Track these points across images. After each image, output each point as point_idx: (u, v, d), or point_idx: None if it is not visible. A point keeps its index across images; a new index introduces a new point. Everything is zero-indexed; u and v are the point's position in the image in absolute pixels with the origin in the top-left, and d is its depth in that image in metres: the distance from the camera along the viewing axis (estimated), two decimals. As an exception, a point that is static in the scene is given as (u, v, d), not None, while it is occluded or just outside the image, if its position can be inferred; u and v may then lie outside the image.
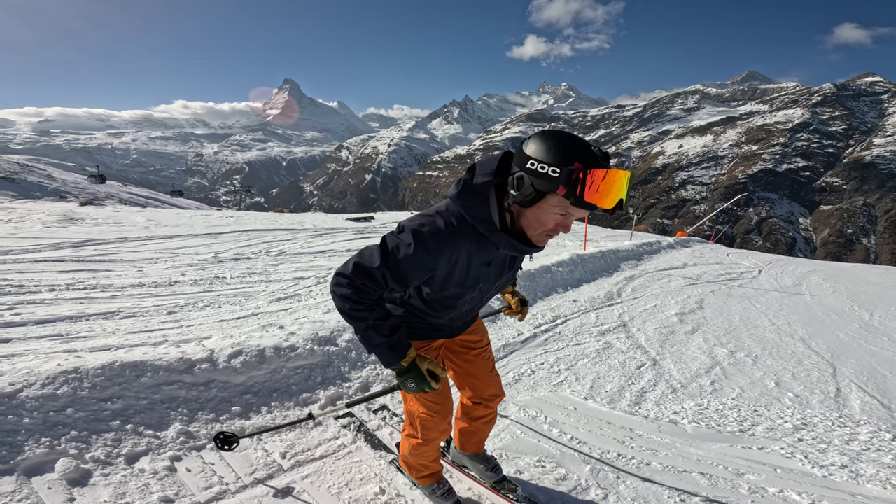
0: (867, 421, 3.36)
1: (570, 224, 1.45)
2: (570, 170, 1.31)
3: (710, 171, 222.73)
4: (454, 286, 1.63)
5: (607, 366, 4.02)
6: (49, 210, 12.05)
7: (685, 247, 13.18)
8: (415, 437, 1.99)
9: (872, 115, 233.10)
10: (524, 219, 1.48)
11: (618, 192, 1.30)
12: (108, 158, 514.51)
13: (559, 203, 1.38)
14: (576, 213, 1.40)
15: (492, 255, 1.60)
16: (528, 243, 1.52)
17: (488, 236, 1.50)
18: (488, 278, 1.68)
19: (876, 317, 6.89)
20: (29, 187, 48.05)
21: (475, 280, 1.64)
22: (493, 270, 1.67)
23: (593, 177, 1.29)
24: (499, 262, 1.67)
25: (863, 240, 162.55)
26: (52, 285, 4.72)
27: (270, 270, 6.38)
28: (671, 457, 2.71)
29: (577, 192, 1.31)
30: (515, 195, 1.42)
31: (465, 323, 1.97)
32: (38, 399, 2.36)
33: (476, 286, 1.67)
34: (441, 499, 2.13)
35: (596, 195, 1.30)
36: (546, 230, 1.47)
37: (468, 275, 1.60)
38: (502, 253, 1.61)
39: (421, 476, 2.15)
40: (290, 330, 3.59)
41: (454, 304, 1.75)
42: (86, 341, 3.43)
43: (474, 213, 1.48)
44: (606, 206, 1.30)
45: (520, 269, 1.89)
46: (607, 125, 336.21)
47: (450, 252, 1.50)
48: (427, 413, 1.91)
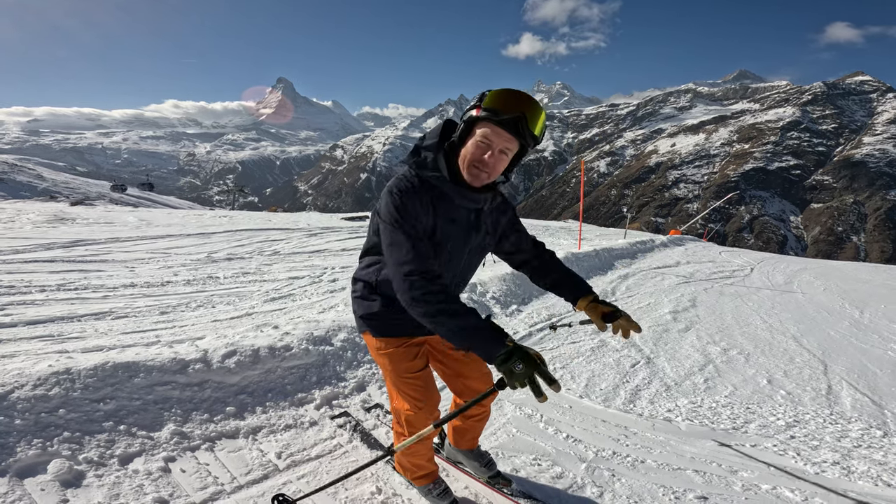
0: (858, 418, 3.40)
1: (493, 149, 1.56)
2: (482, 94, 1.57)
3: (702, 169, 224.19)
4: (430, 238, 1.66)
5: (602, 364, 4.03)
6: (39, 210, 11.93)
7: (678, 245, 13.27)
8: (403, 434, 2.00)
9: (862, 114, 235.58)
10: (460, 162, 1.64)
11: (518, 104, 1.51)
12: (99, 158, 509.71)
13: (481, 132, 1.56)
14: (492, 135, 1.54)
15: (452, 210, 1.69)
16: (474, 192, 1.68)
17: (441, 187, 1.65)
18: (456, 237, 1.72)
19: (866, 314, 6.97)
20: (18, 187, 47.53)
21: (445, 237, 1.68)
22: (459, 230, 1.72)
23: (498, 92, 1.54)
24: (463, 221, 1.73)
25: (853, 238, 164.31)
26: (43, 286, 4.67)
27: (264, 270, 6.35)
28: (665, 454, 2.72)
29: (483, 105, 1.54)
30: (454, 138, 1.63)
31: None
32: (29, 400, 2.34)
33: (446, 244, 1.70)
34: (437, 499, 2.13)
35: (498, 102, 1.52)
36: (474, 160, 1.59)
37: (435, 231, 1.66)
38: (461, 209, 1.71)
39: (416, 477, 2.15)
40: (285, 330, 3.58)
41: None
42: (77, 342, 3.40)
43: (425, 168, 1.65)
44: (508, 111, 1.50)
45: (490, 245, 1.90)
46: (601, 124, 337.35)
47: (418, 204, 1.62)
48: (411, 409, 1.92)
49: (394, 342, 1.90)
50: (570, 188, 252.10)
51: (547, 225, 19.03)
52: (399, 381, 1.93)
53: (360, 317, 1.93)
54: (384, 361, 1.93)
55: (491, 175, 1.61)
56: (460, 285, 1.93)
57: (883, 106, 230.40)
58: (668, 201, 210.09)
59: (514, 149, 1.59)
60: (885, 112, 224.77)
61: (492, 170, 1.60)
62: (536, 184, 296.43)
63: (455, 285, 1.89)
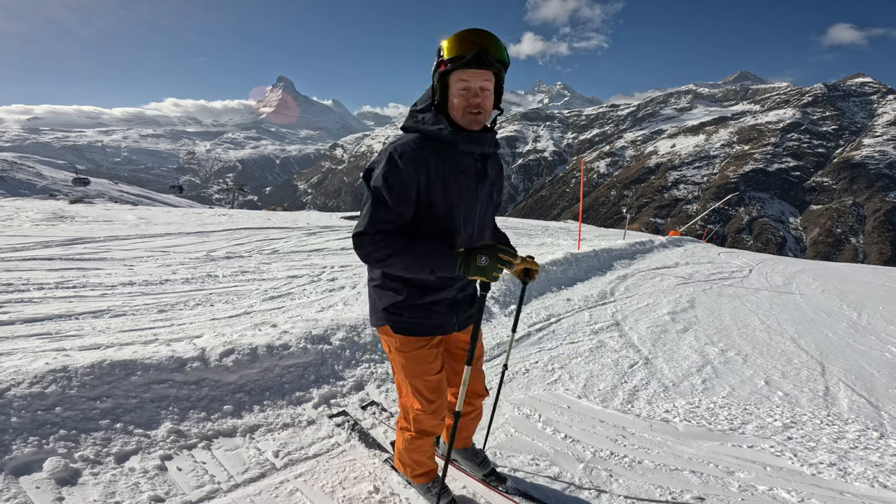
0: (855, 419, 3.40)
1: (474, 90, 1.63)
2: (438, 49, 1.64)
3: (702, 170, 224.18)
4: (440, 201, 1.71)
5: (600, 364, 4.04)
6: (38, 208, 11.91)
7: (677, 246, 13.27)
8: (408, 429, 2.01)
9: (862, 116, 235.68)
10: (453, 116, 1.69)
11: (474, 40, 1.57)
12: (99, 156, 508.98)
13: (455, 81, 1.64)
14: (466, 75, 1.61)
15: (458, 161, 1.73)
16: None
17: (447, 138, 1.68)
18: (468, 188, 1.77)
19: (864, 316, 6.97)
20: (17, 185, 47.49)
21: (457, 190, 1.73)
22: (470, 180, 1.77)
23: (451, 40, 1.60)
24: (471, 171, 1.77)
25: (852, 239, 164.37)
26: (41, 284, 4.67)
27: (263, 269, 6.34)
28: (663, 455, 2.73)
29: (445, 58, 1.61)
30: (438, 98, 1.70)
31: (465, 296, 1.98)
32: (25, 398, 2.33)
33: (459, 199, 1.74)
34: (436, 497, 2.13)
35: (456, 48, 1.58)
36: (464, 108, 1.66)
37: (447, 185, 1.71)
38: (469, 158, 1.75)
39: (416, 474, 2.15)
40: (283, 328, 3.58)
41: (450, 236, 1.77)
42: (75, 340, 3.39)
43: (427, 124, 1.71)
44: (467, 50, 1.57)
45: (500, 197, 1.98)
46: (601, 124, 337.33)
47: (419, 163, 1.66)
48: (422, 409, 1.93)
49: (415, 342, 1.87)
50: (570, 188, 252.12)
51: (546, 225, 19.03)
52: (415, 380, 1.92)
53: (384, 308, 1.87)
54: (401, 360, 1.91)
55: (485, 113, 1.68)
56: (480, 238, 1.92)
57: (883, 108, 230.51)
58: (667, 202, 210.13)
59: (492, 79, 1.66)
60: (885, 114, 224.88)
61: (483, 108, 1.66)
62: (536, 184, 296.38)
63: (477, 239, 1.88)
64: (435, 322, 1.88)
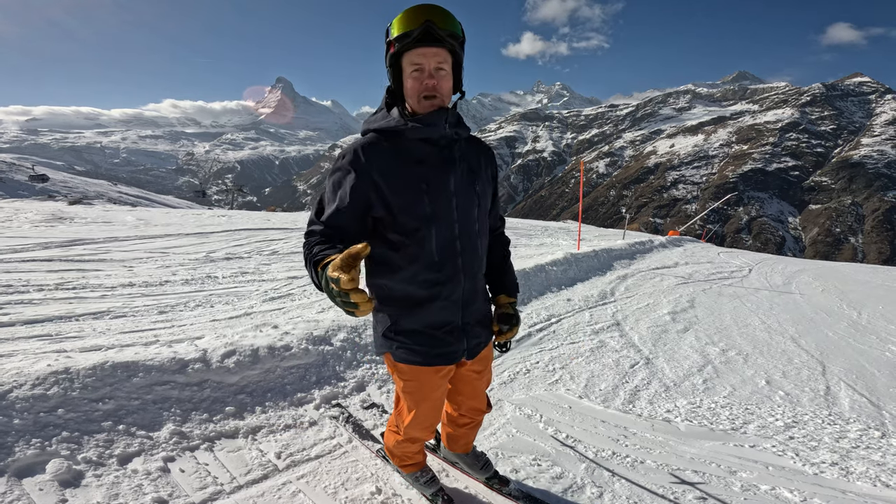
0: (857, 419, 3.41)
1: (428, 71, 1.51)
2: (386, 30, 1.52)
3: (701, 170, 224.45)
4: (399, 200, 1.54)
5: (601, 364, 4.04)
6: (37, 209, 11.89)
7: (677, 246, 13.28)
8: (398, 433, 1.99)
9: (860, 115, 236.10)
10: (410, 101, 1.57)
11: (419, 15, 1.45)
12: (98, 157, 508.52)
13: (406, 63, 1.52)
14: (417, 58, 1.49)
15: (414, 151, 1.57)
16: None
17: (397, 129, 1.55)
18: (432, 178, 1.58)
19: (864, 315, 6.98)
20: (16, 186, 47.42)
21: (417, 181, 1.55)
22: (431, 170, 1.58)
23: (397, 19, 1.48)
24: (433, 159, 1.59)
25: (851, 239, 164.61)
26: (41, 285, 4.66)
27: (263, 270, 6.34)
28: (665, 455, 2.73)
29: (392, 38, 1.49)
30: (392, 84, 1.59)
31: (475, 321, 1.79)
32: (28, 400, 2.33)
33: (420, 188, 1.55)
34: (425, 486, 2.14)
35: (401, 25, 1.46)
36: (418, 91, 1.53)
37: (405, 178, 1.55)
38: (424, 146, 1.58)
39: (405, 465, 2.15)
40: (284, 329, 3.58)
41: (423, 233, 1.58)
42: (76, 341, 3.39)
43: (376, 120, 1.61)
44: (413, 26, 1.44)
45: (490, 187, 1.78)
46: (600, 125, 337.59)
47: (362, 160, 1.52)
48: (414, 427, 1.88)
49: (419, 372, 1.72)
50: (569, 189, 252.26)
51: (546, 225, 19.02)
52: (413, 403, 1.81)
53: (383, 335, 1.72)
54: (402, 384, 1.79)
55: (441, 96, 1.54)
56: (467, 240, 1.67)
57: (881, 107, 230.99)
58: (666, 202, 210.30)
59: (447, 59, 1.52)
60: (883, 113, 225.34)
61: (439, 91, 1.52)
62: (535, 184, 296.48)
63: (462, 240, 1.65)
64: (439, 350, 1.70)
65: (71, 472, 2.09)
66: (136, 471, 2.19)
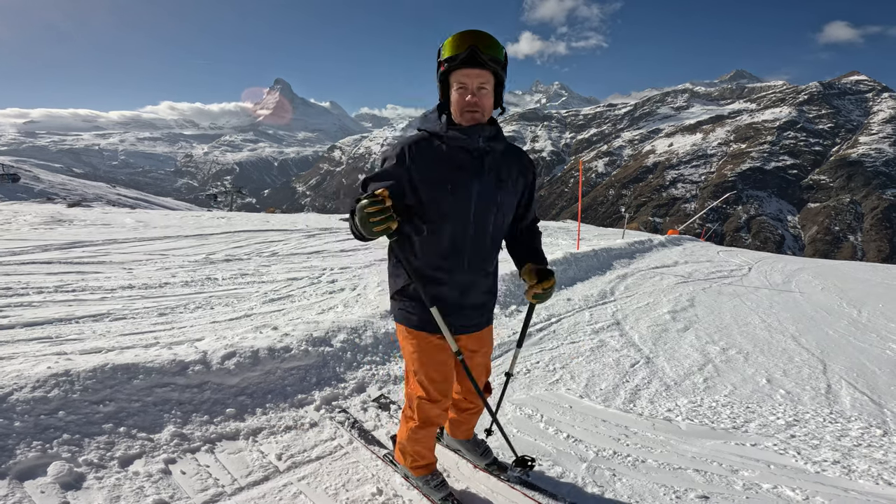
0: (858, 417, 3.41)
1: (471, 89, 1.71)
2: (439, 49, 1.74)
3: (699, 169, 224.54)
4: (431, 194, 1.76)
5: (602, 364, 4.04)
6: (36, 212, 11.88)
7: (676, 245, 13.29)
8: (412, 418, 2.02)
9: (858, 114, 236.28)
10: (455, 113, 1.78)
11: (466, 40, 1.64)
12: (96, 159, 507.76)
13: (453, 80, 1.73)
14: (462, 77, 1.69)
15: (455, 157, 1.78)
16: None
17: (440, 135, 1.78)
18: (462, 183, 1.78)
19: (864, 313, 6.99)
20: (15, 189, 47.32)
21: (444, 182, 1.76)
22: (464, 175, 1.78)
23: (448, 41, 1.69)
24: (468, 166, 1.79)
25: (850, 237, 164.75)
26: (40, 287, 4.65)
27: (263, 271, 6.33)
28: (666, 454, 2.73)
29: (442, 58, 1.71)
30: (441, 97, 1.82)
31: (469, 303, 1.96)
32: (28, 402, 2.33)
33: (445, 188, 1.76)
34: (434, 490, 2.15)
35: (451, 48, 1.67)
36: (461, 107, 1.73)
37: (436, 177, 1.76)
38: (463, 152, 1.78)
39: (416, 465, 2.15)
40: (284, 331, 3.57)
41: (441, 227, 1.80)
42: (76, 344, 3.39)
43: (428, 121, 1.85)
44: (460, 50, 1.65)
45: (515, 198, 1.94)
46: (599, 124, 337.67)
47: (406, 154, 1.75)
48: (426, 396, 1.95)
49: (421, 335, 1.92)
50: (569, 188, 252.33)
51: (545, 225, 19.01)
52: (420, 369, 1.94)
53: (392, 297, 1.99)
54: (409, 348, 1.96)
55: (482, 111, 1.74)
56: (479, 241, 1.87)
57: (879, 105, 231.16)
58: (665, 201, 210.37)
59: (489, 79, 1.72)
60: (880, 112, 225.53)
61: (480, 107, 1.73)
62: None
63: (474, 240, 1.85)
64: (430, 317, 1.88)
65: (72, 475, 2.09)
66: (137, 473, 2.19)
